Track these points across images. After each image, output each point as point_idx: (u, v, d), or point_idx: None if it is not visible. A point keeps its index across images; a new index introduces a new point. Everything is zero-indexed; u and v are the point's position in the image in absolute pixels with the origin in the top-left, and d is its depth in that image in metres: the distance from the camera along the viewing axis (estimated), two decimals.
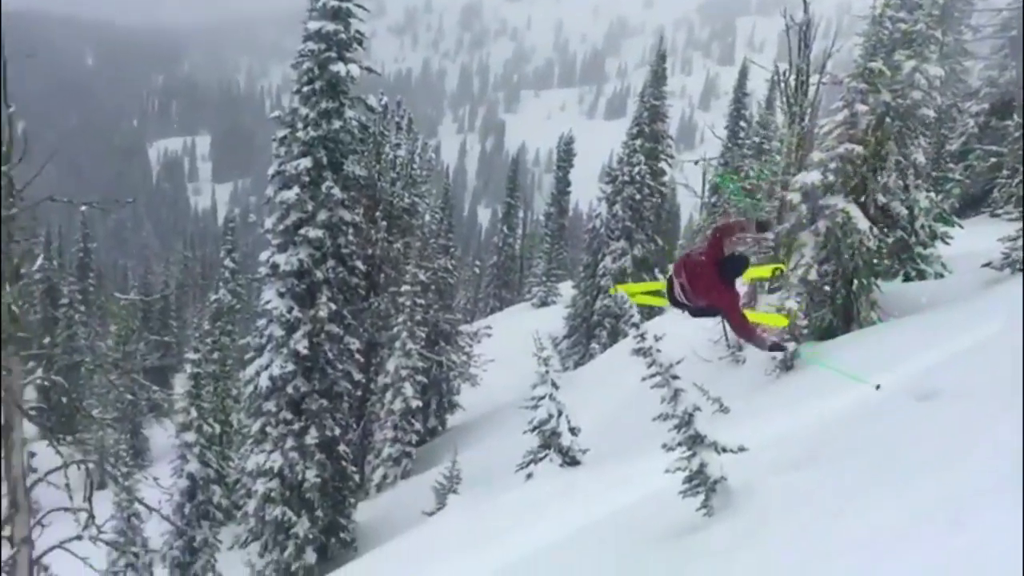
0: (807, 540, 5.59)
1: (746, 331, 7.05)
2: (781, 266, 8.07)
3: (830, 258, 13.87)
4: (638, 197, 31.19)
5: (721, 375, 15.74)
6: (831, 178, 13.66)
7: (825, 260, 13.87)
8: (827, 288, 14.21)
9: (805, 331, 13.66)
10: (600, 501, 10.44)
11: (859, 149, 13.63)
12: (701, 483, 7.24)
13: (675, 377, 7.48)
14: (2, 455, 15.48)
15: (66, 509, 16.19)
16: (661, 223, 34.30)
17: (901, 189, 14.41)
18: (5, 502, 16.11)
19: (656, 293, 7.93)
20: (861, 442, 7.34)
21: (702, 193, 32.93)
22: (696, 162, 24.62)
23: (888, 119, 14.12)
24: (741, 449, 7.68)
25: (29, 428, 17.40)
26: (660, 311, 29.66)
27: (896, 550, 4.49)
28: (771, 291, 16.52)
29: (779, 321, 8.74)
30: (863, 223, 13.45)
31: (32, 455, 16.40)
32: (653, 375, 7.57)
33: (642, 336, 7.55)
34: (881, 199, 14.13)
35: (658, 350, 7.57)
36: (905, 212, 14.49)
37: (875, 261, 14.04)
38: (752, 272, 7.89)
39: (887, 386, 7.92)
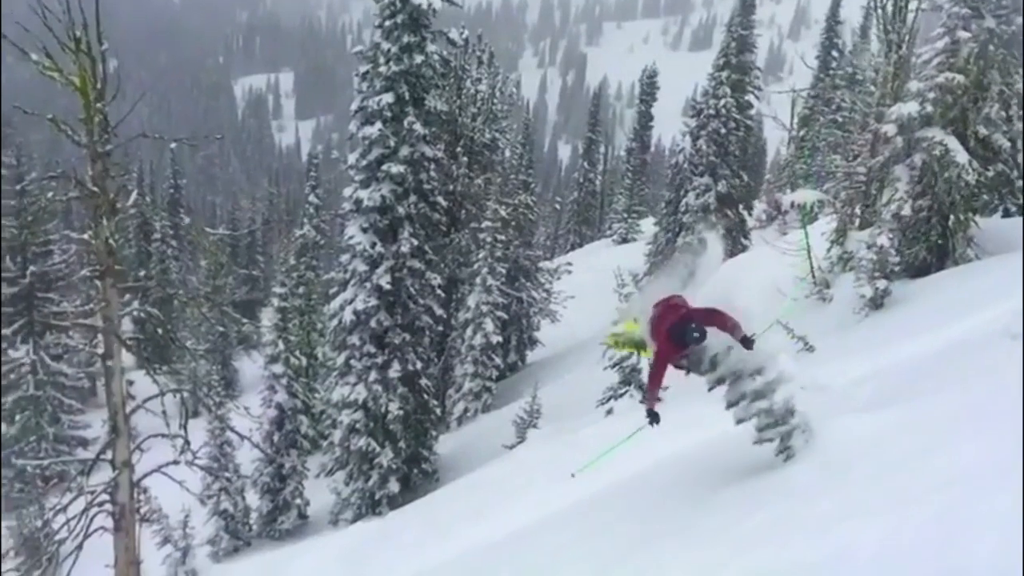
0: (894, 480, 5.47)
1: (649, 384, 7.06)
2: None
3: (925, 193, 13.36)
4: (723, 131, 30.39)
5: (807, 313, 15.40)
6: (929, 109, 13.09)
7: (920, 195, 13.36)
8: (921, 224, 13.70)
9: (897, 268, 13.24)
10: (680, 437, 10.40)
11: (960, 78, 12.99)
12: (776, 424, 6.94)
13: None
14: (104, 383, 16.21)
15: (163, 435, 16.92)
16: (747, 158, 33.47)
17: (1004, 120, 13.71)
18: (107, 427, 16.92)
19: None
20: (953, 380, 7.13)
21: (791, 126, 31.96)
22: (790, 93, 23.81)
23: (991, 46, 13.40)
24: (827, 387, 7.53)
25: (127, 358, 18.17)
26: (744, 247, 29.14)
27: (988, 490, 4.36)
28: (862, 227, 16.03)
29: None
30: (962, 156, 12.88)
31: (131, 383, 17.19)
32: None
33: None
34: (982, 131, 13.49)
35: None
36: (1007, 144, 13.80)
37: (973, 196, 13.47)
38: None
39: (984, 324, 7.65)
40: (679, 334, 6.57)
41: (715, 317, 6.67)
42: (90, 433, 34.31)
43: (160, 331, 20.62)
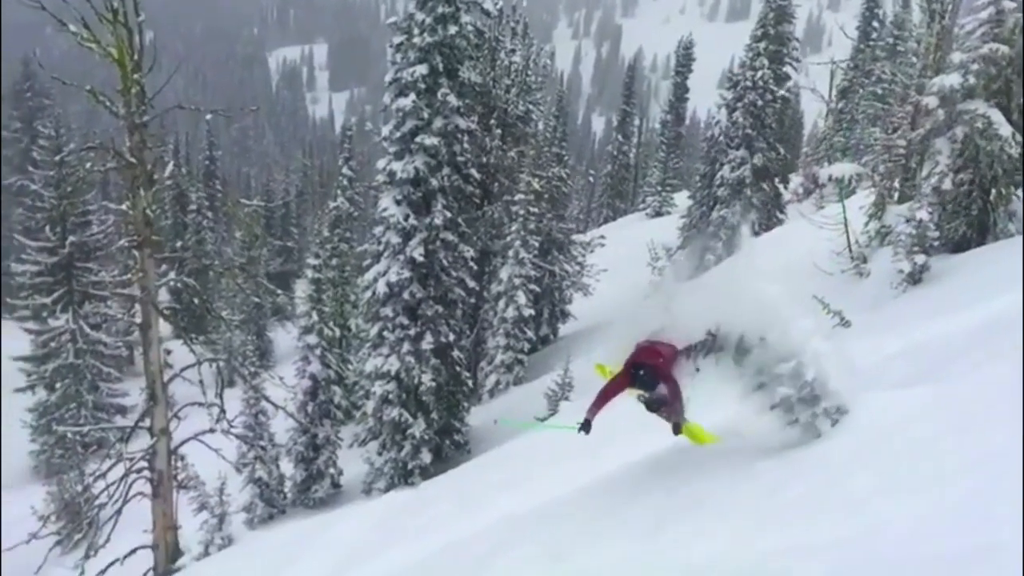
0: (928, 458, 5.42)
1: (596, 396, 7.49)
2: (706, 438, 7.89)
3: (967, 166, 13.09)
4: (760, 103, 29.96)
5: (843, 288, 15.22)
6: (972, 81, 12.79)
7: (961, 168, 13.09)
8: (962, 198, 13.45)
9: (936, 243, 13.03)
10: (713, 411, 10.36)
11: (1004, 49, 12.67)
12: (803, 408, 6.80)
13: None
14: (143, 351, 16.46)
15: (200, 404, 17.21)
16: (783, 130, 33.00)
17: None
18: (145, 395, 17.24)
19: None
20: (989, 359, 7.02)
21: (829, 98, 31.45)
22: (829, 64, 23.43)
23: None
24: (861, 363, 7.43)
25: (164, 327, 18.46)
26: (780, 221, 28.87)
27: (1021, 471, 4.30)
28: (901, 201, 15.80)
29: (700, 437, 8.22)
30: (1005, 129, 12.60)
31: (168, 352, 17.47)
32: None
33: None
34: None
35: None
36: None
37: (1016, 169, 13.18)
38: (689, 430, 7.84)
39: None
40: (634, 372, 7.08)
41: (671, 387, 7.10)
42: (128, 401, 34.93)
43: (196, 301, 20.95)
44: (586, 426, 7.54)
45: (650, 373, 7.05)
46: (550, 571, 6.85)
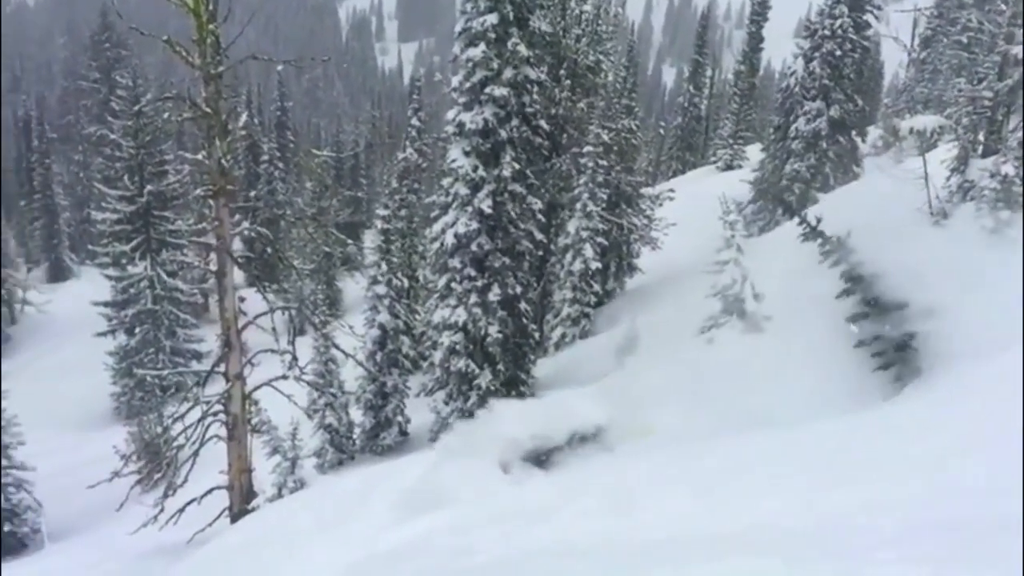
0: (1005, 419, 5.30)
1: None
2: None
3: None
4: (838, 53, 28.96)
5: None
6: None
7: None
8: None
9: (1021, 199, 12.57)
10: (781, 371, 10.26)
11: None
12: (900, 349, 6.89)
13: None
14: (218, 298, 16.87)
15: (272, 351, 17.62)
16: (862, 81, 31.90)
17: None
18: (220, 341, 17.72)
19: None
20: None
21: (911, 47, 30.36)
22: (912, 11, 22.57)
23: None
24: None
25: (238, 275, 18.87)
26: (856, 176, 28.12)
27: None
28: (985, 155, 15.24)
29: None
30: None
31: (242, 300, 17.89)
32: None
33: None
34: None
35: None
36: None
37: None
38: None
39: None
40: None
41: None
42: (204, 347, 35.90)
43: (269, 250, 21.33)
44: None
45: None
46: (611, 524, 6.92)
